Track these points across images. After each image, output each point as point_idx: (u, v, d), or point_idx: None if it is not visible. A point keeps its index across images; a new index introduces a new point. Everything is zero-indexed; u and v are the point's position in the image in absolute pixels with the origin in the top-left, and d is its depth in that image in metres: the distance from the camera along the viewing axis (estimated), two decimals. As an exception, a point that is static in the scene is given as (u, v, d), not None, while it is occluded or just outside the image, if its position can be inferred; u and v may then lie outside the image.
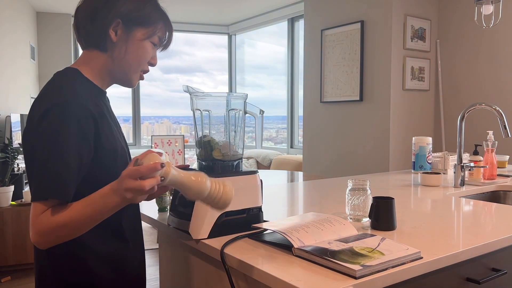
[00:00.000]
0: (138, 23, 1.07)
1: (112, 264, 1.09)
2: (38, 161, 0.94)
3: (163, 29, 1.11)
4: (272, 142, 6.70)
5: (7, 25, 4.48)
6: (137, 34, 1.07)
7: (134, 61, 1.09)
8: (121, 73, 1.10)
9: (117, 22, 1.05)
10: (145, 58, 1.10)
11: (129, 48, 1.07)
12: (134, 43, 1.07)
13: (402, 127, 3.72)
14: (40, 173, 0.93)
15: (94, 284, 1.06)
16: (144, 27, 1.08)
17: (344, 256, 0.93)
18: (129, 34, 1.07)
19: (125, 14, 1.05)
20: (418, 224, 1.28)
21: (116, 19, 1.05)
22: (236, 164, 1.21)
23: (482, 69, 3.59)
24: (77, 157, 0.95)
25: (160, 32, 1.11)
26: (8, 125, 3.88)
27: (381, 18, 3.65)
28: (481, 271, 1.15)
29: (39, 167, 0.94)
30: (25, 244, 3.39)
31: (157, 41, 1.11)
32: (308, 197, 1.80)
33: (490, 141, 2.13)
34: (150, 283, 3.21)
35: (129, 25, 1.06)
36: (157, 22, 1.10)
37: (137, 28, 1.07)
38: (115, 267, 1.10)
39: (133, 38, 1.07)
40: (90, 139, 0.99)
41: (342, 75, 4.01)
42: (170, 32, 1.14)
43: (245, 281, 1.01)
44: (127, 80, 1.12)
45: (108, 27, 1.05)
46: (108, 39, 1.06)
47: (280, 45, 6.20)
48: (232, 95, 1.24)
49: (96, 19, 1.05)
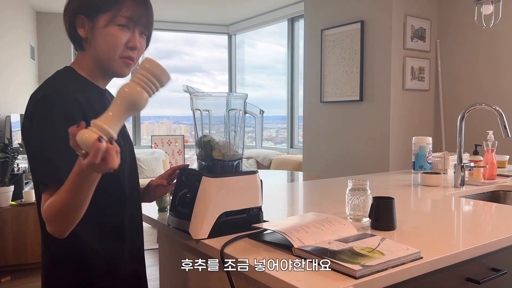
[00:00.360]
0: (99, 10, 1.03)
1: (112, 262, 1.10)
2: (32, 152, 0.98)
3: (129, 7, 1.04)
4: (272, 142, 6.70)
5: (7, 25, 4.48)
6: (101, 22, 1.03)
7: (106, 50, 1.04)
8: (103, 65, 1.08)
9: (80, 18, 1.05)
10: (116, 43, 1.04)
11: (97, 38, 1.04)
12: (100, 32, 1.03)
13: (402, 127, 3.72)
14: (35, 163, 0.97)
15: (94, 282, 1.06)
16: (105, 13, 1.03)
17: (344, 256, 0.93)
18: (94, 25, 1.04)
19: (84, 7, 1.04)
20: (418, 224, 1.28)
21: (79, 15, 1.05)
22: (236, 164, 1.21)
23: (482, 69, 3.59)
24: (66, 139, 0.87)
25: (126, 11, 1.03)
26: (8, 125, 3.88)
27: (381, 18, 3.65)
28: (481, 271, 1.14)
29: (33, 158, 0.98)
30: (25, 244, 3.39)
31: (125, 22, 1.04)
32: (308, 197, 1.80)
33: (490, 141, 2.13)
34: (150, 283, 3.20)
35: (92, 16, 1.04)
36: (119, 2, 1.03)
37: (99, 15, 1.03)
38: (114, 265, 1.10)
39: (98, 27, 1.04)
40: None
41: (342, 75, 4.01)
42: (140, 7, 1.06)
43: (245, 281, 1.01)
44: (112, 70, 1.08)
45: (75, 27, 1.05)
46: (79, 37, 1.06)
47: (280, 45, 6.20)
48: (232, 95, 1.24)
49: (66, 23, 1.08)
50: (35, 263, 3.41)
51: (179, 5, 5.65)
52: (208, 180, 1.13)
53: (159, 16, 6.22)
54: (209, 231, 1.12)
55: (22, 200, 3.48)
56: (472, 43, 3.64)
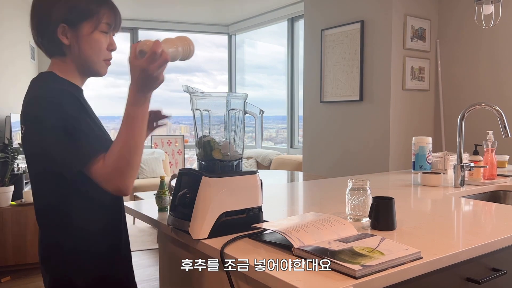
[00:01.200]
0: (81, 19, 1.09)
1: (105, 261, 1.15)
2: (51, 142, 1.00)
3: (107, 14, 1.12)
4: (272, 142, 6.70)
5: (7, 25, 4.48)
6: (84, 29, 1.09)
7: (91, 55, 1.11)
8: (86, 68, 1.14)
9: (62, 27, 1.08)
10: (100, 48, 1.12)
11: (82, 45, 1.10)
12: (84, 39, 1.10)
13: (402, 127, 3.72)
14: (65, 151, 0.99)
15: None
16: (88, 21, 1.09)
17: (344, 256, 0.93)
18: (77, 32, 1.09)
19: (66, 16, 1.08)
20: (418, 224, 1.28)
21: (60, 24, 1.08)
22: (236, 164, 1.21)
23: (482, 69, 3.59)
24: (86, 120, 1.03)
25: (105, 18, 1.11)
26: (8, 125, 3.88)
27: (381, 18, 3.65)
28: (481, 271, 1.14)
29: (61, 143, 0.99)
30: (25, 244, 3.39)
31: (106, 28, 1.13)
32: (308, 197, 1.80)
33: (490, 141, 2.13)
34: (150, 283, 3.21)
35: (74, 24, 1.09)
36: (99, 10, 1.10)
37: (82, 23, 1.09)
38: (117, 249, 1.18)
39: (82, 35, 1.10)
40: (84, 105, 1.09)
41: (342, 75, 4.01)
42: (116, 13, 1.14)
43: (245, 281, 1.01)
44: (94, 72, 1.16)
45: (56, 35, 1.08)
46: (62, 45, 1.10)
47: (280, 45, 6.20)
48: (232, 95, 1.24)
49: (43, 32, 1.10)
50: (35, 263, 3.40)
51: (179, 5, 5.65)
52: (208, 180, 1.13)
53: (159, 16, 6.22)
54: (209, 231, 1.12)
55: (22, 200, 3.48)
56: (472, 43, 3.64)
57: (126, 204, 1.57)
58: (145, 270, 3.49)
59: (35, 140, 1.05)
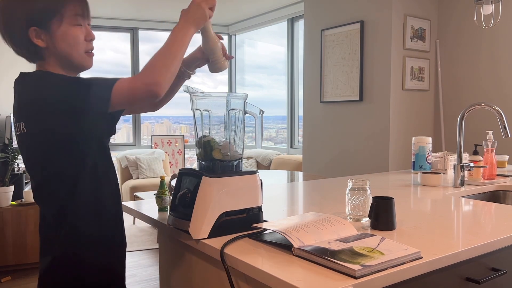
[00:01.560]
0: (48, 17, 1.07)
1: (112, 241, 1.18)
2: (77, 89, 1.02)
3: (75, 5, 1.10)
4: (272, 142, 6.70)
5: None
6: (54, 26, 1.08)
7: (70, 51, 1.11)
8: (69, 63, 1.13)
9: (33, 30, 1.07)
10: (76, 41, 1.11)
11: (57, 42, 1.09)
12: (58, 36, 1.09)
13: (402, 127, 3.72)
14: (91, 84, 1.02)
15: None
16: (56, 18, 1.08)
17: (344, 256, 0.93)
18: (49, 32, 1.08)
19: (32, 18, 1.07)
20: (418, 224, 1.28)
21: (30, 28, 1.07)
22: (236, 164, 1.21)
23: (482, 69, 3.59)
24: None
25: (73, 10, 1.10)
26: (8, 125, 3.89)
27: (381, 18, 3.65)
28: (481, 271, 1.15)
29: (84, 84, 1.02)
30: (25, 244, 3.39)
31: (77, 20, 1.11)
32: (308, 197, 1.80)
33: (490, 141, 2.13)
34: (150, 283, 3.21)
35: (43, 25, 1.08)
36: (63, 5, 1.09)
37: (50, 22, 1.08)
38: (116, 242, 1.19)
39: (54, 32, 1.08)
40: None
41: (342, 75, 4.01)
42: (82, 3, 1.13)
43: (245, 281, 1.01)
44: (79, 66, 1.15)
45: (31, 40, 1.07)
46: (39, 48, 1.09)
47: (280, 45, 6.20)
48: (232, 95, 1.24)
49: (19, 42, 1.09)
50: (35, 263, 3.41)
51: (179, 5, 5.65)
52: (208, 180, 1.13)
53: (159, 16, 6.22)
54: (209, 231, 1.13)
55: (22, 200, 3.48)
56: (472, 43, 3.65)
57: (126, 204, 1.57)
58: (145, 270, 3.49)
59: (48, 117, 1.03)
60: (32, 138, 1.08)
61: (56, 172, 1.08)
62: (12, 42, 1.10)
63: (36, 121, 1.05)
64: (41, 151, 1.07)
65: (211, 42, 1.24)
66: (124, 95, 1.01)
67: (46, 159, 1.07)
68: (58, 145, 1.05)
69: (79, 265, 1.10)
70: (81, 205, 1.09)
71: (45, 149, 1.06)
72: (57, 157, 1.06)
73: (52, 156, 1.06)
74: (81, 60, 1.13)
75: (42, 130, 1.05)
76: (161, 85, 1.02)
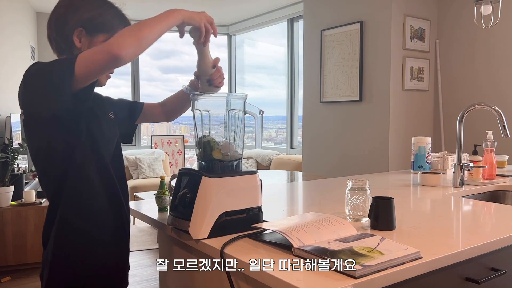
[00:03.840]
0: (100, 29, 1.14)
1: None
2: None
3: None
4: (272, 142, 6.70)
5: (7, 25, 4.48)
6: (99, 39, 1.14)
7: None
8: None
9: (79, 31, 1.12)
10: None
11: None
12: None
13: (401, 127, 3.73)
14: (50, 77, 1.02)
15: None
16: (104, 33, 1.14)
17: (343, 256, 0.93)
18: (91, 40, 1.14)
19: (86, 22, 1.12)
20: (418, 224, 1.28)
21: (78, 27, 1.12)
22: (236, 164, 1.21)
23: (481, 69, 3.60)
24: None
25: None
26: (8, 125, 3.88)
27: (380, 19, 3.65)
28: (481, 271, 1.15)
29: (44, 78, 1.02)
30: (25, 244, 3.39)
31: None
32: (308, 197, 1.81)
33: (490, 141, 2.13)
34: (150, 283, 3.22)
35: (91, 32, 1.13)
36: (118, 27, 1.15)
37: (98, 34, 1.14)
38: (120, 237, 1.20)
39: (96, 43, 1.13)
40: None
41: (341, 75, 4.01)
42: None
43: (245, 281, 1.01)
44: (96, 82, 1.14)
45: (72, 35, 1.12)
46: (73, 46, 1.13)
47: (280, 45, 6.20)
48: (232, 95, 1.25)
49: (62, 30, 1.13)
50: (35, 263, 3.41)
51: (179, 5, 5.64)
52: (208, 180, 1.13)
53: (159, 16, 6.21)
54: (209, 231, 1.13)
55: (22, 200, 3.48)
56: (472, 43, 3.65)
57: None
58: (145, 270, 3.49)
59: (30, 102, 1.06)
60: (26, 125, 1.11)
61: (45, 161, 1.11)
62: (55, 25, 1.13)
63: (25, 107, 1.08)
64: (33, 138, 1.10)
65: (204, 65, 1.23)
66: (85, 60, 0.98)
67: (37, 147, 1.11)
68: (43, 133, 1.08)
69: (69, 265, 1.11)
70: (70, 199, 1.10)
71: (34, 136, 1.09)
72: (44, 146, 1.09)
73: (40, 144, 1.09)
74: (101, 77, 1.17)
75: (28, 115, 1.08)
76: (123, 48, 0.96)
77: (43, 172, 1.12)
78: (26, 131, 1.11)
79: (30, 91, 1.05)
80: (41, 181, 1.15)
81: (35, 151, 1.11)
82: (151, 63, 6.80)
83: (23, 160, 3.94)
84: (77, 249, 1.11)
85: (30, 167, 4.21)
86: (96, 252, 1.14)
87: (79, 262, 1.12)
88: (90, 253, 1.13)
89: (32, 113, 1.07)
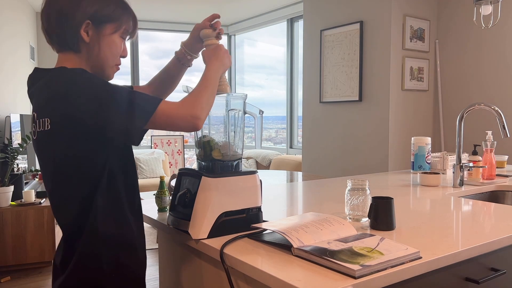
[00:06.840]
0: (106, 20, 1.11)
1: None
2: (113, 102, 1.00)
3: (128, 21, 1.16)
4: (272, 142, 6.70)
5: (6, 26, 4.48)
6: (107, 30, 1.12)
7: (108, 57, 1.14)
8: (98, 69, 1.14)
9: (86, 23, 1.09)
10: (117, 52, 1.15)
11: (102, 45, 1.12)
12: (105, 40, 1.12)
13: (401, 127, 3.73)
14: (127, 106, 1.01)
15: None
16: (112, 23, 1.12)
17: (343, 256, 0.93)
18: (99, 32, 1.11)
19: (93, 14, 1.09)
20: (417, 224, 1.28)
21: (85, 20, 1.09)
22: (235, 164, 1.21)
23: (481, 69, 3.60)
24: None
25: (126, 24, 1.15)
26: (8, 125, 3.88)
27: (380, 19, 3.65)
28: (480, 271, 1.15)
29: (120, 105, 1.00)
30: (25, 244, 3.39)
31: (125, 35, 1.17)
32: (308, 197, 1.81)
33: (489, 141, 2.14)
34: (150, 283, 3.21)
35: (98, 24, 1.11)
36: (123, 15, 1.14)
37: (105, 25, 1.11)
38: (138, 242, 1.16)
39: (104, 35, 1.12)
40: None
41: (341, 75, 4.01)
42: (135, 23, 1.20)
43: (245, 281, 1.01)
44: (105, 76, 1.16)
45: (79, 29, 1.09)
46: (80, 40, 1.10)
47: (279, 45, 6.20)
48: (232, 95, 1.24)
49: (65, 23, 1.08)
50: (35, 263, 3.41)
51: (179, 5, 5.65)
52: (208, 180, 1.13)
53: (159, 16, 6.22)
54: (208, 231, 1.13)
55: (22, 200, 3.48)
56: (471, 43, 3.65)
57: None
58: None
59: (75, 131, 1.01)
60: (57, 135, 1.03)
61: (79, 171, 1.05)
62: (57, 20, 1.09)
63: (64, 115, 1.01)
64: (68, 147, 1.04)
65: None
66: (166, 117, 1.02)
67: (70, 157, 1.04)
68: (85, 143, 1.03)
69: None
70: (102, 205, 1.07)
71: (72, 145, 1.03)
72: (80, 156, 1.04)
73: (77, 153, 1.04)
74: (109, 70, 1.16)
75: (69, 126, 1.01)
76: (202, 120, 1.06)
77: (69, 182, 1.05)
78: (53, 138, 1.04)
79: (94, 101, 0.99)
80: (62, 192, 1.08)
81: (63, 160, 1.05)
82: (150, 62, 6.81)
83: (22, 160, 3.94)
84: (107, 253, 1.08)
85: (29, 167, 4.21)
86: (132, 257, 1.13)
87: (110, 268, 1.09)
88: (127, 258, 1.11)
89: (78, 121, 1.00)
